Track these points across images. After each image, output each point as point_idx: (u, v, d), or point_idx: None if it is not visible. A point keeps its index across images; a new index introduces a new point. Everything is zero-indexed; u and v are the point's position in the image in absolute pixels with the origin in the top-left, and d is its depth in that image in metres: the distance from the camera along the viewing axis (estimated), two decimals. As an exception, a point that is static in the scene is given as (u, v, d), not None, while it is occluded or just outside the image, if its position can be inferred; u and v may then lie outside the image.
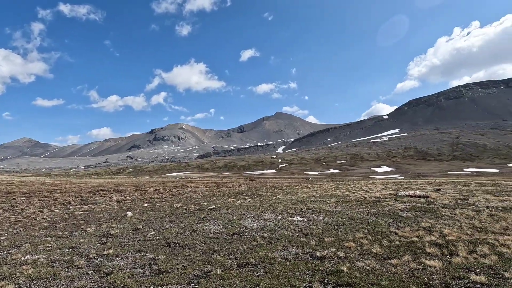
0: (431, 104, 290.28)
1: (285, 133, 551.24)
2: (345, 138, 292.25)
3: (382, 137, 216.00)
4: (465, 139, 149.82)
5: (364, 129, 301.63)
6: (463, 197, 15.68)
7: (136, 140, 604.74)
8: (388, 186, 25.61)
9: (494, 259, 6.62)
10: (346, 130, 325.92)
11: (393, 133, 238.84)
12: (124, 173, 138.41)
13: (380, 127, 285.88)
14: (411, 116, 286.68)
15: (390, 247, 8.07)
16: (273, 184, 37.22)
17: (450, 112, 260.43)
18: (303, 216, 12.39)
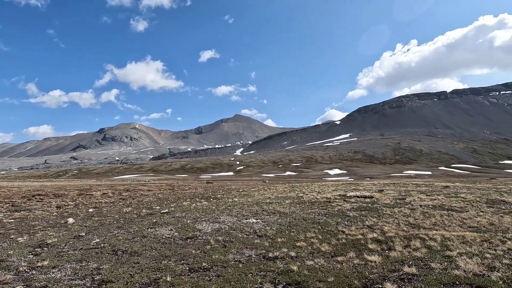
0: (377, 111, 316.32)
1: (244, 135, 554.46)
2: (301, 141, 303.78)
3: (334, 141, 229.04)
4: (405, 144, 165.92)
5: (318, 134, 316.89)
6: (402, 197, 17.33)
7: (82, 140, 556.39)
8: (338, 187, 27.19)
9: (424, 252, 7.42)
10: (302, 134, 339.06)
11: (344, 137, 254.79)
12: (67, 175, 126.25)
13: (333, 132, 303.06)
14: (360, 122, 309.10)
15: (338, 245, 8.56)
16: (230, 186, 37.11)
17: (393, 119, 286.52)
18: (258, 218, 12.55)
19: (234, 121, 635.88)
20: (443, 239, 8.48)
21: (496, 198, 16.33)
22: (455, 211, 12.94)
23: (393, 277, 5.88)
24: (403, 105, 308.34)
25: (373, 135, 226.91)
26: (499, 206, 13.98)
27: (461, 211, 12.82)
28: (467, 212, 12.54)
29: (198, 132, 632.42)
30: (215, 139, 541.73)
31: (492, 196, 17.41)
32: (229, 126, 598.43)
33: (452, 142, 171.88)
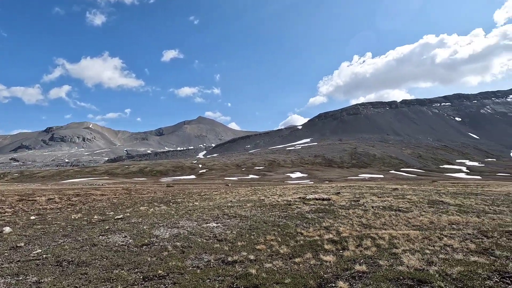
0: (336, 118, 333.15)
1: (207, 138, 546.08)
2: (264, 145, 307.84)
3: (296, 145, 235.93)
4: (361, 149, 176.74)
5: (281, 138, 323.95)
6: (356, 199, 18.39)
7: (26, 140, 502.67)
8: (299, 190, 28.00)
9: (374, 250, 7.94)
10: (265, 138, 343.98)
11: (305, 142, 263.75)
12: (6, 179, 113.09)
13: (295, 136, 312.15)
14: (321, 127, 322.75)
15: (296, 246, 8.79)
16: (192, 190, 36.22)
17: (350, 125, 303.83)
18: (218, 222, 12.40)
19: (198, 123, 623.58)
20: (391, 238, 9.15)
21: (436, 199, 18.10)
22: (402, 211, 14.07)
23: (345, 276, 6.19)
24: (359, 112, 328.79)
25: (332, 140, 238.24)
26: (438, 206, 15.52)
27: (407, 211, 13.97)
28: (411, 212, 13.71)
29: (159, 133, 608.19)
30: (177, 141, 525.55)
31: (433, 197, 19.25)
32: (192, 128, 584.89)
33: (401, 148, 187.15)
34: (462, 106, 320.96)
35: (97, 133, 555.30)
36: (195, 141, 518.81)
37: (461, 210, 14.18)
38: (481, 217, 12.51)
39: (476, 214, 13.13)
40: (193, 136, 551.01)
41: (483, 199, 18.61)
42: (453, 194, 22.02)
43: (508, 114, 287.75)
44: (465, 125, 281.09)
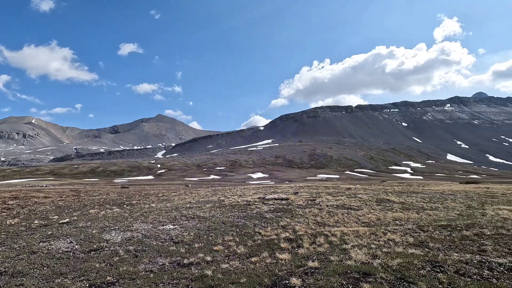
0: (297, 120, 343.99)
1: (167, 137, 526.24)
2: (226, 145, 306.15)
3: (258, 146, 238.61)
4: (319, 151, 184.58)
5: (243, 138, 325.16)
6: (313, 198, 19.19)
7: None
8: (259, 190, 28.37)
9: (326, 247, 8.37)
10: (228, 138, 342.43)
11: (267, 143, 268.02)
12: None
13: (257, 137, 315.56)
14: (282, 129, 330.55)
15: (253, 246, 8.92)
16: (149, 191, 34.69)
17: (310, 128, 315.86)
18: (175, 224, 12.07)
19: (157, 121, 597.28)
20: (342, 234, 9.72)
21: (383, 197, 19.64)
22: (353, 209, 15.03)
23: (299, 272, 6.45)
24: (318, 115, 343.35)
25: (292, 142, 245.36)
26: (385, 204, 16.86)
27: (357, 209, 14.96)
28: (362, 210, 14.71)
29: (113, 131, 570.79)
30: (133, 139, 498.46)
31: (381, 196, 20.86)
32: (150, 127, 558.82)
33: (355, 150, 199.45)
34: (408, 112, 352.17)
35: (41, 129, 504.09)
36: (154, 140, 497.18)
37: (403, 208, 15.58)
38: (420, 213, 13.88)
39: (416, 211, 14.53)
40: (151, 134, 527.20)
41: (422, 197, 20.64)
42: (398, 193, 24.07)
43: (445, 121, 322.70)
44: (410, 130, 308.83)
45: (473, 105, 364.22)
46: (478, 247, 7.91)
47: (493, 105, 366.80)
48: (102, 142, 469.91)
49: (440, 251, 7.61)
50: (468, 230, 9.65)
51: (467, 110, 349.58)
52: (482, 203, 17.55)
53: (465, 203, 17.37)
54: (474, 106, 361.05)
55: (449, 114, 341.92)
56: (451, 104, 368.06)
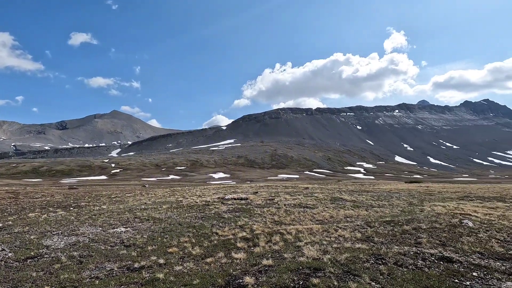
0: (259, 120, 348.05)
1: (122, 135, 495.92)
2: (187, 144, 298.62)
3: (220, 146, 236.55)
4: (280, 151, 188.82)
5: (205, 137, 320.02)
6: (271, 197, 19.57)
7: None
8: (219, 190, 28.13)
9: (281, 245, 8.59)
10: (189, 137, 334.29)
11: (229, 142, 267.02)
12: None
13: (219, 137, 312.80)
14: (244, 129, 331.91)
15: (209, 246, 8.82)
16: (100, 192, 32.44)
17: (271, 128, 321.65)
18: (128, 226, 11.45)
19: (111, 117, 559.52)
20: (297, 232, 10.06)
21: (337, 196, 20.75)
22: (309, 208, 15.64)
23: (253, 271, 6.53)
24: (280, 116, 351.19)
25: (254, 142, 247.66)
26: (338, 202, 17.83)
27: (313, 208, 15.60)
28: (317, 208, 15.37)
29: (61, 127, 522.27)
30: (84, 137, 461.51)
31: (335, 195, 22.00)
32: (104, 123, 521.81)
33: (314, 151, 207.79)
34: (362, 116, 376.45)
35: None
36: (108, 138, 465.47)
37: (354, 205, 16.62)
38: (369, 210, 14.92)
39: (365, 208, 15.60)
40: (105, 132, 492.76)
41: (372, 195, 22.22)
42: (351, 191, 25.61)
43: (394, 125, 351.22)
44: (364, 132, 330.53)
45: (418, 112, 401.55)
46: (415, 240, 8.75)
47: (433, 112, 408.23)
48: (48, 138, 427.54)
49: (383, 244, 8.27)
50: (408, 225, 10.61)
51: (413, 116, 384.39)
52: (422, 200, 19.44)
53: (408, 201, 19.08)
54: (418, 113, 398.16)
55: (397, 119, 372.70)
56: (399, 110, 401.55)
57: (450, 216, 12.05)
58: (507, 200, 19.66)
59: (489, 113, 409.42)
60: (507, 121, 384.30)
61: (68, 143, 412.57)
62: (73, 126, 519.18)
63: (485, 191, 26.75)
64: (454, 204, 16.35)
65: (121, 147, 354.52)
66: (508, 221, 11.34)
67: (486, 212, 13.51)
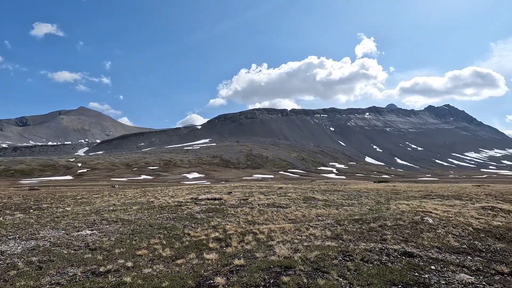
0: (235, 120, 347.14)
1: (90, 132, 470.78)
2: (160, 143, 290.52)
3: (195, 145, 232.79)
4: (255, 151, 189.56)
5: (179, 137, 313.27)
6: (245, 197, 19.59)
7: None
8: (193, 191, 27.67)
9: (253, 244, 8.64)
10: (162, 136, 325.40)
11: (204, 142, 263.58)
12: None
13: (194, 136, 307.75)
14: (220, 128, 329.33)
15: (181, 248, 8.65)
16: (65, 193, 30.65)
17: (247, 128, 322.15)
18: (94, 229, 10.92)
19: (79, 114, 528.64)
20: (270, 231, 10.17)
21: (310, 195, 21.24)
22: (282, 207, 15.86)
23: (224, 271, 6.50)
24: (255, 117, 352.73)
25: (230, 142, 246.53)
26: (311, 202, 18.26)
27: (286, 207, 15.84)
28: (290, 208, 15.63)
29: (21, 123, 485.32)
30: (48, 134, 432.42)
31: (308, 194, 22.49)
32: (70, 120, 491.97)
33: (289, 151, 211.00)
34: (335, 118, 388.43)
35: None
36: (74, 136, 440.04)
37: (326, 204, 17.11)
38: (339, 209, 15.43)
39: (336, 207, 16.11)
40: (71, 129, 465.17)
41: (342, 194, 23.00)
42: (323, 191, 26.32)
43: (365, 127, 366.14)
44: (336, 134, 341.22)
45: (386, 115, 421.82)
46: (381, 236, 9.19)
47: (401, 115, 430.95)
48: (6, 135, 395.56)
49: (351, 242, 8.59)
50: (375, 222, 11.12)
51: (382, 119, 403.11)
52: (388, 199, 20.44)
53: (376, 200, 19.98)
54: (387, 116, 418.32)
55: (368, 121, 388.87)
56: (370, 113, 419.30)
57: (413, 213, 12.79)
58: (463, 198, 21.25)
59: (449, 118, 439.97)
60: (465, 125, 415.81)
61: (29, 140, 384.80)
62: (35, 123, 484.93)
63: (444, 190, 28.69)
64: (417, 202, 17.38)
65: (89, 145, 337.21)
66: (464, 218, 12.26)
67: (444, 209, 14.50)
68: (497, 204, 17.67)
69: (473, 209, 14.85)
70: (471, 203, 17.87)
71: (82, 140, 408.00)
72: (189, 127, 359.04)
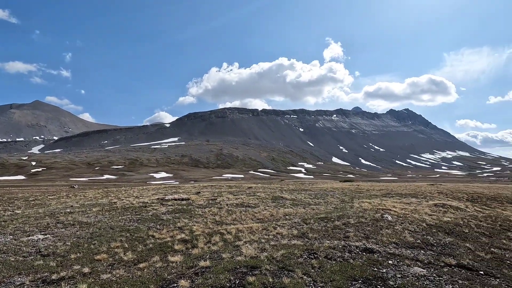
0: (205, 119, 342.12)
1: (47, 129, 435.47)
2: (125, 141, 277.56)
3: (163, 144, 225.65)
4: (226, 151, 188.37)
5: (146, 135, 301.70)
6: (214, 197, 19.35)
7: None
8: (159, 191, 26.76)
9: (220, 245, 8.54)
10: (127, 134, 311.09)
11: (173, 141, 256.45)
12: None
13: (162, 134, 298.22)
14: (189, 127, 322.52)
15: (144, 251, 8.30)
16: (15, 194, 28.11)
17: (218, 128, 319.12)
18: (47, 233, 10.11)
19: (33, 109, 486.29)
20: (237, 232, 10.12)
21: (278, 195, 21.53)
22: (251, 207, 15.89)
23: (189, 274, 6.34)
24: (226, 116, 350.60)
25: (200, 141, 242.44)
26: (279, 201, 18.51)
27: (254, 207, 15.89)
28: (258, 208, 15.70)
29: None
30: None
31: (276, 193, 22.78)
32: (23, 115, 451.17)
33: (259, 151, 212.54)
34: (304, 119, 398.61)
35: None
36: (28, 132, 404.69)
37: (294, 204, 17.45)
38: (306, 208, 15.82)
39: (303, 206, 16.49)
40: (24, 124, 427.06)
41: (310, 194, 23.62)
42: (291, 190, 26.83)
43: (332, 129, 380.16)
44: (305, 135, 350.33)
45: (352, 117, 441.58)
46: (344, 234, 9.56)
47: (365, 118, 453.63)
48: None
49: (316, 240, 8.83)
50: (339, 220, 11.54)
51: (348, 121, 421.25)
52: (352, 197, 21.37)
53: (341, 198, 20.78)
54: (352, 118, 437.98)
55: (335, 123, 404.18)
56: (337, 115, 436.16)
57: (374, 211, 13.49)
58: (419, 196, 22.87)
59: (408, 121, 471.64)
60: (422, 128, 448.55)
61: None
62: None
63: (403, 189, 30.68)
64: (378, 201, 18.37)
65: (45, 143, 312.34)
66: (419, 214, 13.18)
67: (402, 207, 15.49)
68: (447, 201, 19.27)
69: (427, 206, 16.03)
70: (425, 200, 19.27)
71: (37, 136, 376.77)
72: (157, 125, 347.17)
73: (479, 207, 18.25)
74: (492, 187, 33.80)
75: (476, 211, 16.05)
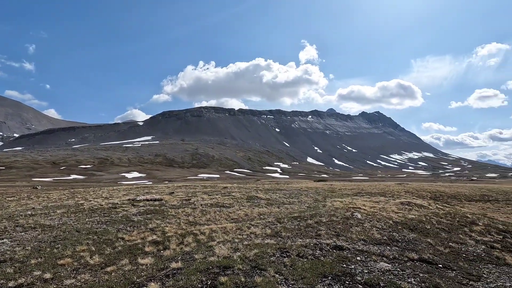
0: (180, 118, 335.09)
1: (6, 125, 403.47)
2: (95, 140, 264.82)
3: (135, 143, 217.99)
4: (201, 150, 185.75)
5: (117, 133, 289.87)
6: (188, 198, 19.02)
7: None
8: (131, 191, 25.82)
9: (193, 246, 8.41)
10: (97, 132, 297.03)
11: (146, 140, 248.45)
12: None
13: (135, 133, 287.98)
14: (164, 126, 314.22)
15: (112, 254, 7.97)
16: (-33, 196, 25.75)
17: (193, 127, 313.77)
18: (4, 237, 9.40)
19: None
20: (211, 232, 10.03)
21: (253, 195, 21.61)
22: (225, 207, 15.82)
23: (160, 276, 6.18)
24: (203, 115, 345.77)
25: (174, 140, 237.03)
26: (254, 201, 18.59)
27: (229, 207, 15.83)
28: (233, 207, 15.66)
29: None
30: None
31: (252, 193, 22.85)
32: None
33: (235, 151, 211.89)
34: (280, 120, 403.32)
35: None
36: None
37: (268, 203, 17.61)
38: (280, 207, 16.03)
39: (278, 206, 16.70)
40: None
41: (284, 193, 23.95)
42: (266, 190, 27.03)
43: (307, 129, 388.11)
44: (281, 135, 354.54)
45: (327, 118, 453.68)
46: (316, 232, 9.80)
47: (339, 119, 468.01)
48: None
49: (289, 239, 8.98)
50: (311, 219, 11.82)
51: (322, 122, 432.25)
52: (325, 197, 21.97)
53: (314, 198, 21.28)
54: (327, 119, 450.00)
55: (310, 124, 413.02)
56: (312, 116, 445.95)
57: (345, 210, 13.96)
58: (387, 195, 24.01)
59: (379, 123, 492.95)
60: (391, 130, 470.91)
61: None
62: None
63: (373, 188, 32.05)
64: (349, 200, 19.04)
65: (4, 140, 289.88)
66: (386, 212, 13.84)
67: (371, 205, 16.17)
68: (413, 199, 20.41)
69: (394, 204, 16.86)
70: (393, 199, 20.27)
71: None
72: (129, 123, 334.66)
73: (440, 205, 19.54)
74: (452, 186, 36.32)
75: (438, 208, 17.14)
